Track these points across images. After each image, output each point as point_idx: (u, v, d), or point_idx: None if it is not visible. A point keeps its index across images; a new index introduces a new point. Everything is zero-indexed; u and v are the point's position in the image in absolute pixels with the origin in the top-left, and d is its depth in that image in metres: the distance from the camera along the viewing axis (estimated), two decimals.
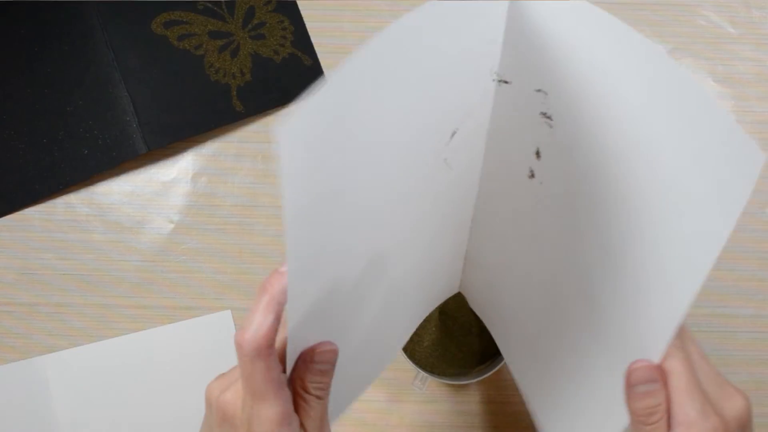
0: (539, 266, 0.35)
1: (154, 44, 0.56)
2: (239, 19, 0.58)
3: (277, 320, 0.29)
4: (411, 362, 0.48)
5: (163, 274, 0.56)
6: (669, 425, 0.29)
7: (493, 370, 0.48)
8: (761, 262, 0.56)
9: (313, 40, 0.59)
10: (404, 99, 0.26)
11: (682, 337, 0.29)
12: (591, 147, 0.27)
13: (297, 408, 0.31)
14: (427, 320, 0.51)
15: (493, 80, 0.29)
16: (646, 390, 0.29)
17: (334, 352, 0.32)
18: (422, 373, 0.49)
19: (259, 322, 0.29)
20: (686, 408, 0.28)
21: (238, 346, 0.29)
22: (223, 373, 0.34)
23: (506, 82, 0.29)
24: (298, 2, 0.59)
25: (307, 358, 0.31)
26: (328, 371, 0.32)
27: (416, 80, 0.26)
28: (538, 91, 0.28)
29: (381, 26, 0.60)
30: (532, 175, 0.32)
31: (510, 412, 0.55)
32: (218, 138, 0.57)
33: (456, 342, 0.51)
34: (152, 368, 0.55)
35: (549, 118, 0.28)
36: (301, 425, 0.31)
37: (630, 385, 0.30)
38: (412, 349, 0.50)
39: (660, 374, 0.29)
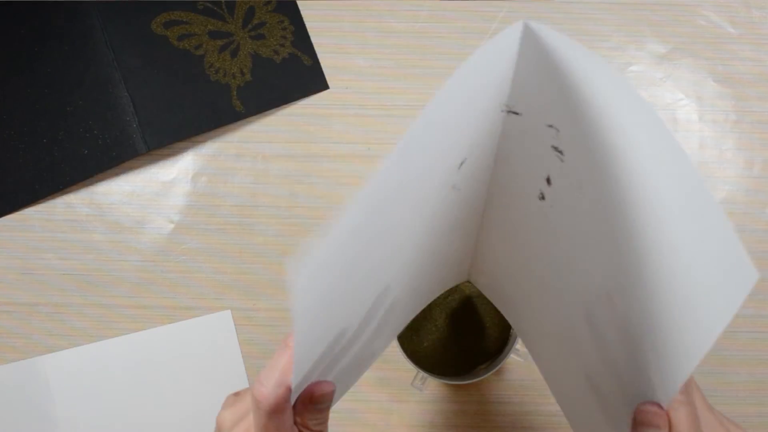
0: (551, 275, 0.35)
1: (154, 44, 0.56)
2: (239, 19, 0.58)
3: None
4: (411, 362, 0.48)
5: (163, 274, 0.56)
6: None
7: (493, 370, 0.48)
8: (761, 262, 0.56)
9: (313, 40, 0.59)
10: (420, 175, 0.27)
11: (688, 387, 0.30)
12: (598, 194, 0.27)
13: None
14: (427, 320, 0.51)
15: (503, 111, 0.29)
16: None
17: (332, 392, 0.32)
18: (422, 373, 0.49)
19: (278, 381, 0.29)
20: None
21: (257, 402, 0.29)
22: (234, 399, 0.34)
23: (516, 113, 0.29)
24: (298, 2, 0.59)
25: (306, 400, 0.32)
26: (327, 408, 0.33)
27: (432, 150, 0.27)
28: (550, 126, 0.28)
29: (381, 26, 0.60)
30: (543, 197, 0.32)
31: (510, 412, 0.55)
32: (218, 138, 0.57)
33: (456, 342, 0.51)
34: (152, 368, 0.55)
35: (560, 152, 0.28)
36: None
37: (636, 424, 0.30)
38: (412, 350, 0.50)
39: (666, 422, 0.29)
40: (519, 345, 0.48)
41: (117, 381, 0.54)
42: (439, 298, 0.47)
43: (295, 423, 0.32)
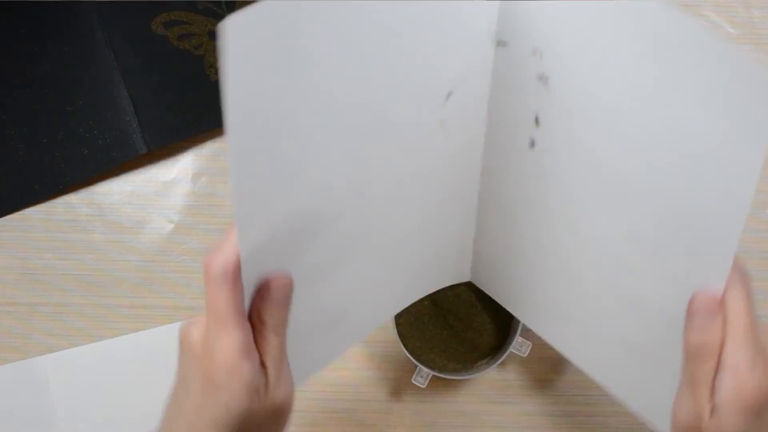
0: (575, 221, 0.35)
1: (154, 44, 0.56)
2: None
3: None
4: (412, 358, 0.48)
5: (163, 274, 0.56)
6: (718, 366, 0.28)
7: (494, 365, 0.48)
8: (761, 262, 0.56)
9: None
10: (385, 40, 0.27)
11: (741, 272, 0.29)
12: (590, 102, 0.28)
13: (255, 344, 0.31)
14: (427, 316, 0.52)
15: (492, 42, 0.30)
16: (704, 325, 0.29)
17: (289, 285, 0.32)
18: (423, 369, 0.49)
19: (229, 249, 0.29)
20: (738, 354, 0.28)
21: (206, 270, 0.30)
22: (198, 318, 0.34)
23: (504, 43, 0.30)
24: None
25: (262, 290, 0.32)
26: (284, 304, 0.32)
27: (401, 24, 0.27)
28: (534, 53, 0.28)
29: None
30: (533, 144, 0.32)
31: (510, 412, 0.55)
32: (218, 138, 0.57)
33: (456, 337, 0.51)
34: (152, 368, 0.55)
35: (545, 79, 0.29)
36: (261, 363, 0.31)
37: (690, 314, 0.29)
38: (412, 345, 0.50)
39: (720, 310, 0.29)
40: (520, 340, 0.48)
41: (117, 381, 0.54)
42: (439, 292, 0.47)
43: (251, 318, 0.32)
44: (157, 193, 0.57)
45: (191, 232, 0.56)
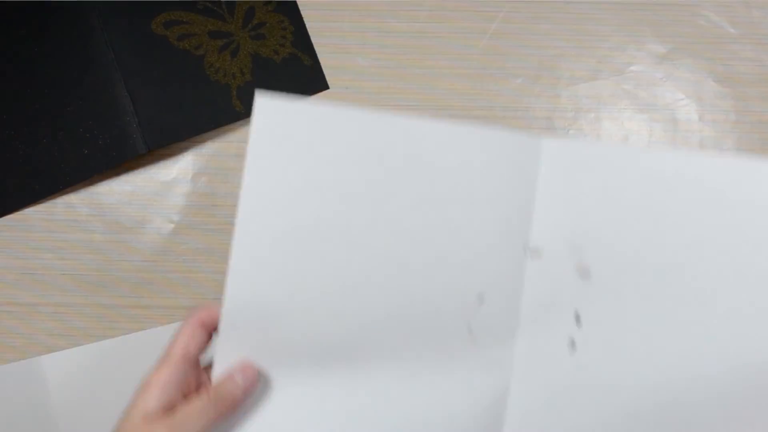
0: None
1: (154, 44, 0.56)
2: (239, 19, 0.58)
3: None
4: None
5: (163, 274, 0.56)
6: None
7: None
8: None
9: (313, 40, 0.59)
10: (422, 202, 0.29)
11: None
12: (647, 269, 0.27)
13: (197, 389, 0.35)
14: None
15: (525, 255, 0.28)
16: None
17: (253, 376, 0.35)
18: None
19: (214, 306, 0.34)
20: None
21: (190, 311, 0.35)
22: None
23: (538, 254, 0.28)
24: (298, 2, 0.59)
25: (232, 369, 0.35)
26: (238, 385, 0.34)
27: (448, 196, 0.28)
28: (573, 249, 0.27)
29: (381, 26, 0.60)
30: (573, 345, 0.30)
31: None
32: (218, 138, 0.57)
33: None
34: None
35: (586, 271, 0.28)
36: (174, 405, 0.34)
37: None
38: None
39: None
40: None
41: (117, 381, 0.54)
42: None
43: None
44: (157, 193, 0.57)
45: (191, 232, 0.56)
